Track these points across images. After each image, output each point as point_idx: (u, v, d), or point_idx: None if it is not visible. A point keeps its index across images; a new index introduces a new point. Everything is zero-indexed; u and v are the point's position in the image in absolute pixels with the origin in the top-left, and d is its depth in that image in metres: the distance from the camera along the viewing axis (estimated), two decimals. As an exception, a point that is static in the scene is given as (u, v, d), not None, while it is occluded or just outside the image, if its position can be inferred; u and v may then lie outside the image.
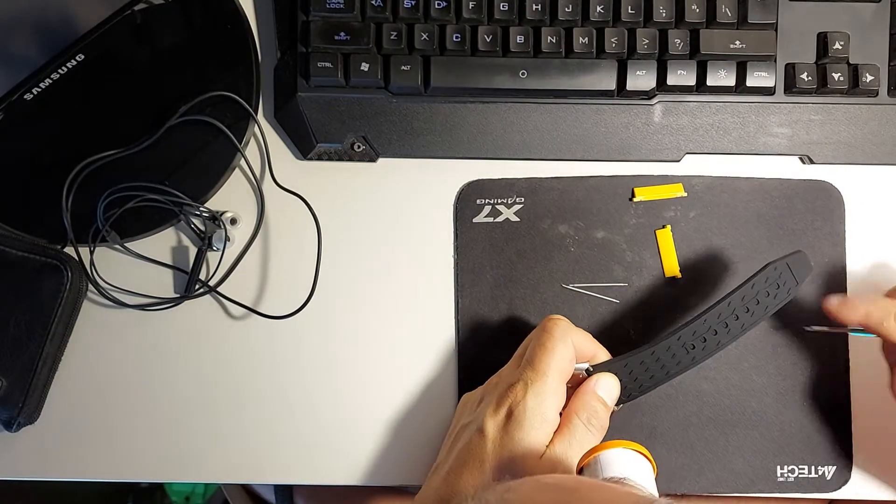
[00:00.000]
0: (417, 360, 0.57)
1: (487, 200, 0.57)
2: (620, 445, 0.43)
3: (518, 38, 0.55)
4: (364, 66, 0.55)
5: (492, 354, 0.54)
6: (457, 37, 0.55)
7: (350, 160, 0.57)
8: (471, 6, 0.55)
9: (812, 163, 0.57)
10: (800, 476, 0.56)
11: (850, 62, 0.56)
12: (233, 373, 0.57)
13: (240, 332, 0.57)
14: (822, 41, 0.56)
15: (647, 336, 0.56)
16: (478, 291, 0.57)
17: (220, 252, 0.57)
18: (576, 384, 0.49)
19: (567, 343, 0.48)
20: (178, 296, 0.57)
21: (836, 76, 0.55)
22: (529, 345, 0.49)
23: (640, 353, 0.49)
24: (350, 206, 0.57)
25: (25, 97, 0.54)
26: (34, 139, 0.57)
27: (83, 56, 0.54)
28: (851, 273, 0.57)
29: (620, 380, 0.49)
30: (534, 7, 0.55)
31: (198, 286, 0.56)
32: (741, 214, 0.57)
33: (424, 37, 0.55)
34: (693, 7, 0.55)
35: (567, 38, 0.55)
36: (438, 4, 0.55)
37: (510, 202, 0.57)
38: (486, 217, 0.57)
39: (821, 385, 0.56)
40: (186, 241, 0.57)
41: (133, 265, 0.57)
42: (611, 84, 0.56)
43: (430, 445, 0.56)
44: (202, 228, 0.57)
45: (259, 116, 0.57)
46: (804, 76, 0.56)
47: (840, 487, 0.56)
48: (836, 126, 0.57)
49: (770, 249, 0.56)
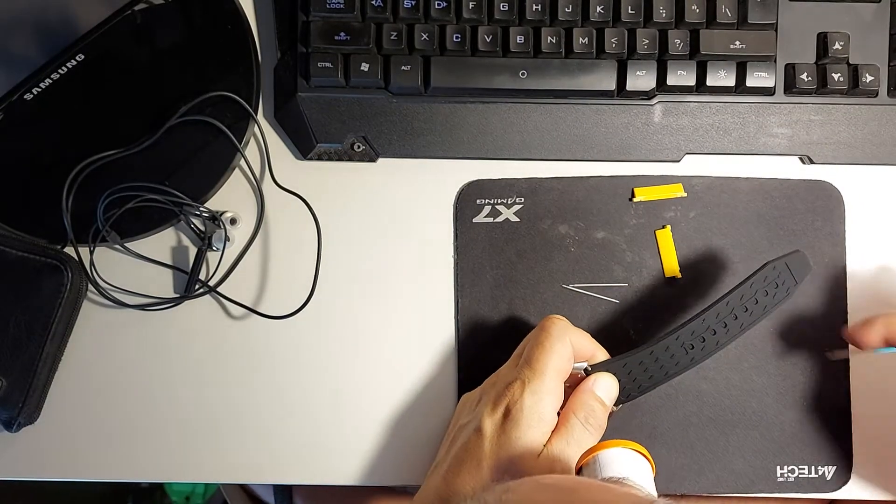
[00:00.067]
0: (417, 361, 0.57)
1: (487, 200, 0.57)
2: (619, 445, 0.43)
3: (518, 39, 0.55)
4: (364, 67, 0.55)
5: (492, 354, 0.54)
6: (457, 37, 0.55)
7: (350, 160, 0.57)
8: (471, 6, 0.55)
9: (812, 163, 0.57)
10: (800, 476, 0.56)
11: (850, 62, 0.56)
12: (233, 373, 0.57)
13: (240, 332, 0.57)
14: (822, 41, 0.56)
15: (648, 336, 0.56)
16: (478, 291, 0.57)
17: (220, 252, 0.57)
18: (574, 384, 0.49)
19: (565, 342, 0.48)
20: (178, 296, 0.57)
21: (836, 76, 0.55)
22: (527, 344, 0.49)
23: (639, 354, 0.49)
24: (350, 206, 0.57)
25: (25, 97, 0.54)
26: (34, 139, 0.57)
27: (83, 56, 0.54)
28: (851, 273, 0.57)
29: (619, 380, 0.49)
30: (534, 7, 0.55)
31: (198, 286, 0.56)
32: (741, 214, 0.57)
33: (424, 37, 0.55)
34: (693, 7, 0.55)
35: (567, 39, 0.55)
36: (438, 4, 0.55)
37: (510, 202, 0.57)
38: (486, 217, 0.57)
39: (821, 385, 0.56)
40: (186, 241, 0.57)
41: (133, 265, 0.57)
42: (611, 84, 0.56)
43: (430, 445, 0.56)
44: (202, 228, 0.57)
45: (259, 116, 0.57)
46: (804, 76, 0.56)
47: (840, 487, 0.56)
48: (836, 126, 0.57)
49: (770, 249, 0.56)
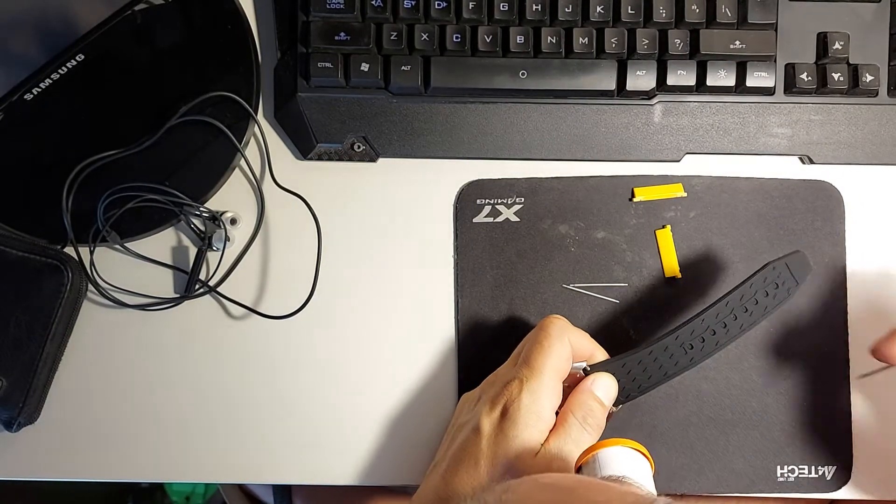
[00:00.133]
0: (417, 360, 0.57)
1: (487, 200, 0.57)
2: (619, 443, 0.43)
3: (518, 39, 0.55)
4: (364, 67, 0.55)
5: (492, 354, 0.54)
6: (457, 37, 0.55)
7: (350, 160, 0.57)
8: (471, 6, 0.55)
9: (812, 163, 0.57)
10: (800, 476, 0.56)
11: (850, 62, 0.56)
12: (233, 372, 0.57)
13: (240, 332, 0.57)
14: (822, 41, 0.56)
15: (647, 336, 0.56)
16: (478, 291, 0.57)
17: (220, 252, 0.57)
18: (573, 384, 0.49)
19: (564, 342, 0.48)
20: (178, 296, 0.57)
21: (836, 76, 0.55)
22: (526, 344, 0.49)
23: (638, 354, 0.49)
24: (350, 206, 0.57)
25: (25, 97, 0.54)
26: (34, 139, 0.57)
27: (83, 56, 0.54)
28: (851, 273, 0.57)
29: (618, 380, 0.49)
30: (534, 7, 0.55)
31: (198, 286, 0.56)
32: (741, 214, 0.57)
33: (424, 37, 0.55)
34: (693, 7, 0.55)
35: (567, 39, 0.55)
36: (438, 5, 0.55)
37: (510, 202, 0.57)
38: (486, 217, 0.57)
39: (821, 385, 0.56)
40: (186, 241, 0.57)
41: (133, 265, 0.57)
42: (611, 84, 0.56)
43: (430, 446, 0.56)
44: (202, 228, 0.57)
45: (259, 116, 0.57)
46: (804, 76, 0.56)
47: (840, 487, 0.56)
48: (836, 126, 0.57)
49: (770, 249, 0.56)
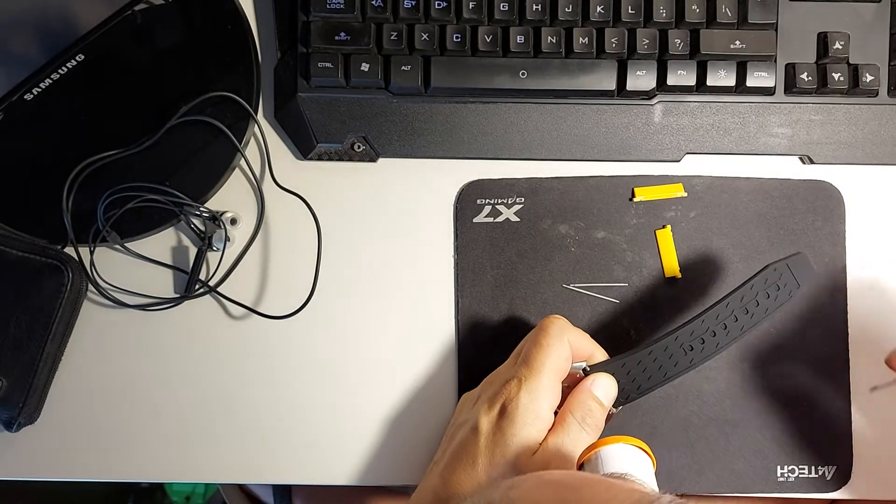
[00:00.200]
0: (417, 360, 0.57)
1: (487, 200, 0.57)
2: (621, 441, 0.43)
3: (518, 38, 0.55)
4: (364, 67, 0.55)
5: (491, 354, 0.54)
6: (457, 37, 0.55)
7: (350, 160, 0.57)
8: (471, 6, 0.55)
9: (812, 163, 0.57)
10: (800, 476, 0.56)
11: (850, 62, 0.56)
12: (233, 373, 0.57)
13: (240, 332, 0.57)
14: (822, 41, 0.56)
15: (647, 336, 0.56)
16: (478, 291, 0.57)
17: (220, 252, 0.57)
18: (573, 384, 0.49)
19: (563, 342, 0.48)
20: (178, 296, 0.57)
21: (836, 76, 0.55)
22: (526, 343, 0.49)
23: (638, 354, 0.49)
24: (350, 206, 0.57)
25: (25, 97, 0.54)
26: (34, 139, 0.57)
27: (83, 56, 0.54)
28: (851, 273, 0.57)
29: (618, 380, 0.49)
30: (534, 7, 0.55)
31: (198, 286, 0.56)
32: (741, 214, 0.57)
33: (425, 37, 0.55)
34: (693, 7, 0.55)
35: (567, 38, 0.55)
36: (439, 5, 0.55)
37: (510, 202, 0.57)
38: (487, 217, 0.57)
39: (821, 385, 0.56)
40: (186, 241, 0.57)
41: (133, 265, 0.57)
42: (611, 84, 0.56)
43: (430, 446, 0.56)
44: (202, 228, 0.57)
45: (259, 116, 0.57)
46: (804, 76, 0.56)
47: (840, 487, 0.56)
48: (836, 126, 0.57)
49: (770, 250, 0.56)
